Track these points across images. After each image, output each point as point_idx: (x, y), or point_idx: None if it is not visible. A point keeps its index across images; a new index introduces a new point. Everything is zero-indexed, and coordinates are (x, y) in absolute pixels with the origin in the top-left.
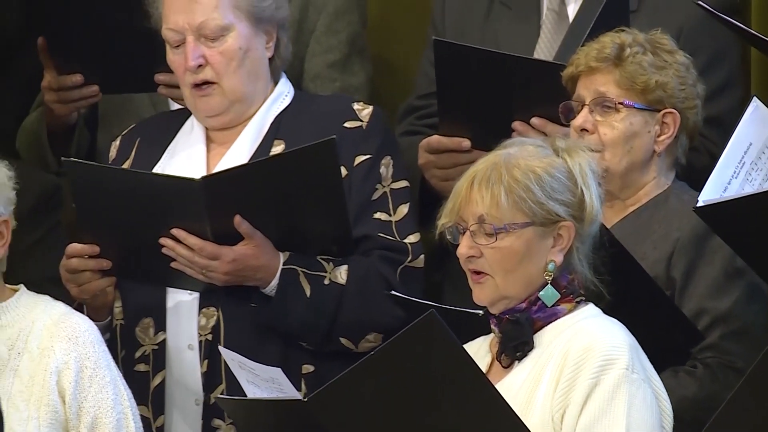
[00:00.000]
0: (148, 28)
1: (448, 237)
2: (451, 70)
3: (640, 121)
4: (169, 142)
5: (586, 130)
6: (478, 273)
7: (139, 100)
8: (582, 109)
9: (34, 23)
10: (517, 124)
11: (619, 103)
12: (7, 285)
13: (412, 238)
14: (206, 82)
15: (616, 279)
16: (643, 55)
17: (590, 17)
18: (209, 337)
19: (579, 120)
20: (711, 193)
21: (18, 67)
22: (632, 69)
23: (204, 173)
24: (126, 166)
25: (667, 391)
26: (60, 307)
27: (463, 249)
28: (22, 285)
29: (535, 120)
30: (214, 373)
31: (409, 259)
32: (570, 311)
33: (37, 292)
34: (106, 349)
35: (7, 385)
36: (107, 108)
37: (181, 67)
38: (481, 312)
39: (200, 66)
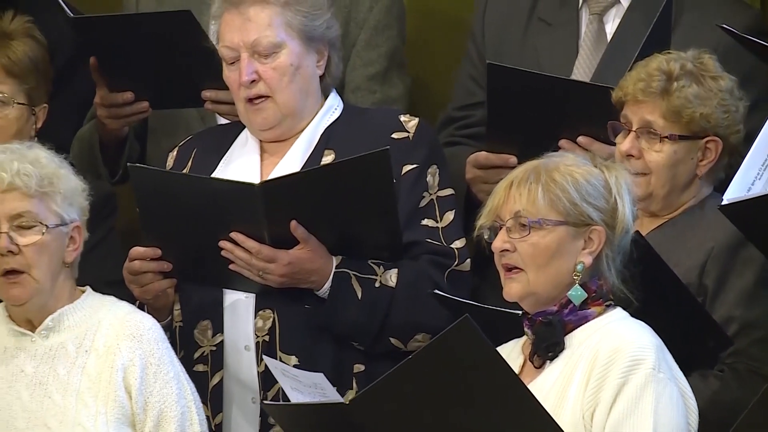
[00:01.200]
0: (194, 46)
1: (485, 237)
2: (502, 90)
3: (684, 149)
4: (225, 153)
5: (632, 155)
6: (510, 269)
7: (188, 114)
8: (629, 133)
9: (86, 43)
10: (563, 143)
11: (665, 137)
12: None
13: (458, 243)
14: (259, 97)
15: (648, 284)
16: (688, 88)
17: (633, 37)
18: (266, 338)
19: (626, 145)
20: (735, 192)
21: (73, 85)
22: (678, 103)
23: (258, 181)
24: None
25: (695, 392)
26: (125, 307)
27: (498, 243)
28: (88, 287)
29: (581, 139)
30: (271, 373)
31: (456, 263)
32: (599, 314)
33: None
34: (169, 345)
35: (76, 382)
36: (157, 122)
37: (236, 82)
38: (519, 312)
39: (253, 81)
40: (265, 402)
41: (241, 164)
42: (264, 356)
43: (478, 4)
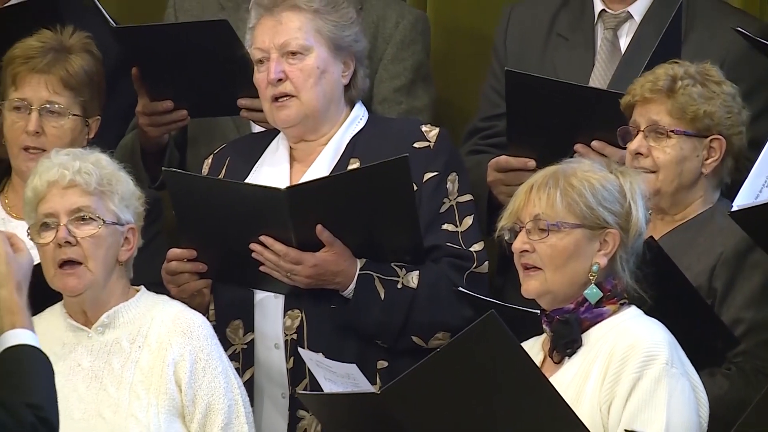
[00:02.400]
0: (231, 55)
1: (506, 238)
2: (520, 97)
3: (689, 146)
4: (257, 160)
5: (641, 154)
6: (528, 268)
7: (224, 122)
8: (637, 134)
9: (129, 53)
10: (579, 146)
11: (671, 131)
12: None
13: (477, 247)
14: (285, 95)
15: (660, 286)
16: (693, 87)
17: (645, 49)
18: (294, 336)
19: (635, 144)
20: (744, 199)
21: (116, 94)
22: (683, 100)
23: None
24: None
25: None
26: (176, 305)
27: (518, 244)
28: (142, 286)
29: (595, 143)
30: (299, 370)
31: (475, 265)
32: (614, 312)
33: None
34: (218, 342)
35: (129, 376)
36: (195, 130)
37: (264, 81)
38: (538, 311)
39: (280, 80)
40: (300, 392)
41: (272, 171)
42: (299, 348)
43: (501, 21)
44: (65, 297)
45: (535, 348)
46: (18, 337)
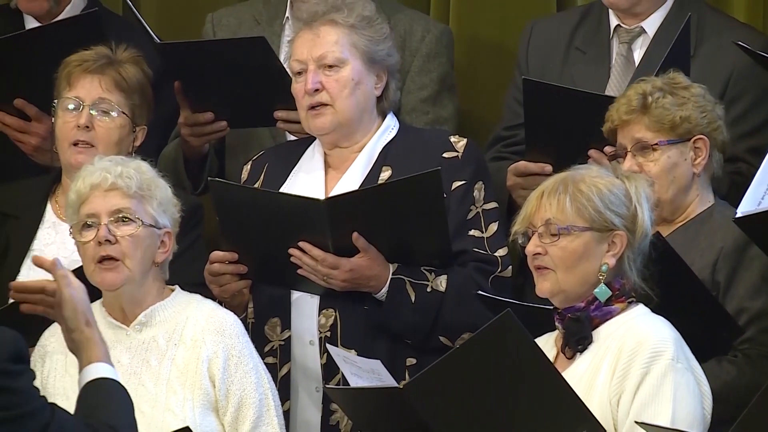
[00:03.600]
0: (267, 70)
1: (520, 241)
2: (537, 104)
3: (676, 153)
4: (293, 167)
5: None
6: (540, 268)
7: (261, 132)
8: (626, 155)
9: (171, 68)
10: (592, 152)
11: (655, 144)
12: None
13: (501, 252)
14: (321, 104)
15: (667, 281)
16: (664, 98)
17: (657, 62)
18: (328, 334)
19: (626, 165)
20: (747, 206)
21: (158, 106)
22: (658, 113)
23: (322, 194)
24: (257, 186)
25: (712, 376)
26: (210, 304)
27: (531, 247)
28: (177, 286)
29: (608, 148)
30: (332, 365)
31: (499, 269)
32: (623, 310)
33: None
34: (249, 339)
35: (166, 372)
36: (234, 139)
37: (301, 91)
38: (552, 307)
39: (317, 90)
40: (328, 386)
41: (308, 179)
42: (327, 344)
43: (523, 36)
44: (104, 294)
45: (548, 344)
46: (98, 370)
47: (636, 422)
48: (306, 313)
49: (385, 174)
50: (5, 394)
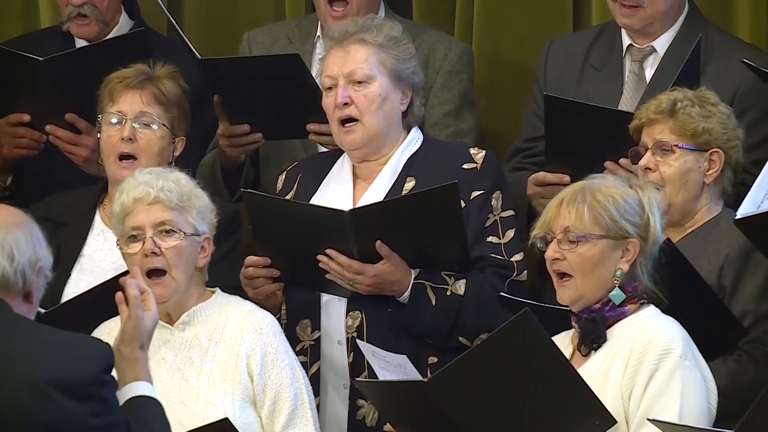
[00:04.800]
0: (300, 85)
1: (539, 245)
2: (556, 119)
3: (691, 159)
4: (324, 177)
5: (650, 169)
6: (562, 277)
7: (294, 143)
8: (646, 152)
9: (211, 84)
10: (608, 164)
11: (674, 146)
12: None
13: (518, 257)
14: (350, 119)
15: (678, 285)
16: (691, 108)
17: (667, 79)
18: (354, 334)
19: (644, 161)
20: (747, 208)
21: (197, 118)
22: (683, 119)
23: (351, 203)
24: (290, 195)
25: (718, 373)
26: (248, 305)
27: (550, 252)
28: (218, 288)
29: (622, 160)
30: (358, 363)
31: (515, 274)
32: (635, 311)
33: None
34: (285, 338)
35: (208, 368)
36: (268, 150)
37: (332, 105)
38: (569, 307)
39: (346, 104)
40: (357, 379)
41: (338, 188)
42: (358, 340)
43: (541, 54)
44: None
45: (564, 342)
46: (140, 388)
47: (649, 419)
48: (334, 314)
49: (409, 184)
50: (99, 404)
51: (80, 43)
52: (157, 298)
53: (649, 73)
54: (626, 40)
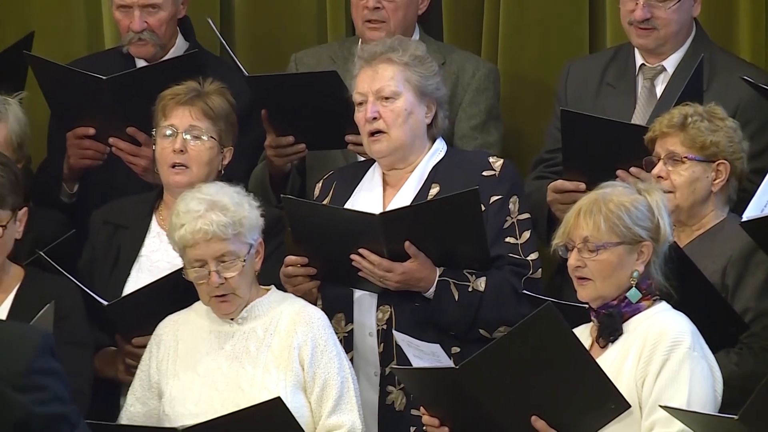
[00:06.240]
0: (339, 99)
1: (560, 253)
2: (573, 132)
3: (700, 170)
4: (357, 184)
5: (662, 177)
6: (581, 278)
7: (335, 153)
8: (658, 162)
9: (259, 99)
10: (619, 172)
11: (685, 157)
12: (261, 287)
13: (533, 256)
14: (378, 131)
15: (684, 284)
16: (701, 122)
17: (676, 96)
18: (384, 327)
19: (656, 170)
20: (752, 212)
21: (247, 131)
22: (693, 132)
23: (381, 208)
24: (326, 201)
25: (721, 365)
26: (300, 302)
27: (572, 261)
28: (273, 286)
29: (633, 169)
30: (388, 353)
31: (531, 272)
32: (648, 307)
33: None
34: (333, 331)
35: (263, 357)
36: (312, 159)
37: (362, 119)
38: (587, 305)
39: (375, 118)
40: (394, 366)
41: (368, 195)
42: (394, 331)
43: (561, 73)
44: None
45: (584, 334)
46: None
47: (661, 406)
48: (366, 309)
49: (434, 190)
50: (42, 392)
51: (140, 62)
52: (225, 313)
53: (659, 90)
54: (639, 60)
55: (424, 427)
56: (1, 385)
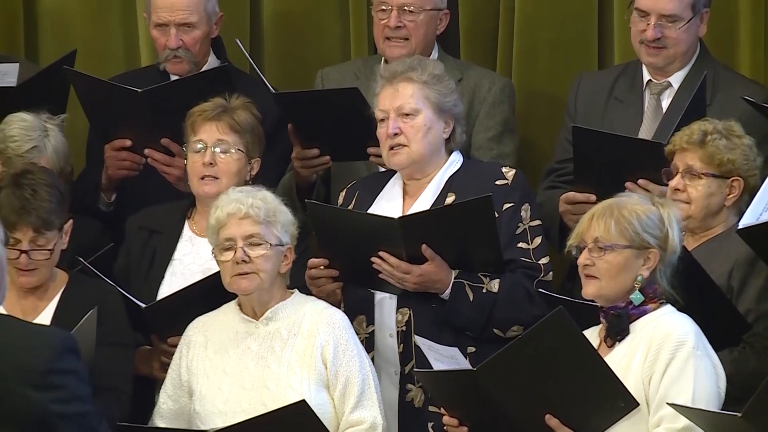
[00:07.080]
0: (361, 114)
1: (573, 253)
2: (584, 146)
3: (715, 185)
4: (378, 193)
5: (679, 190)
6: (589, 276)
7: (358, 165)
8: (677, 174)
9: (286, 114)
10: (628, 184)
11: (702, 174)
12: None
13: (544, 260)
14: (399, 145)
15: (692, 286)
16: (719, 140)
17: (681, 111)
18: (404, 328)
19: (674, 182)
20: (748, 219)
21: (275, 144)
22: (711, 150)
23: (400, 214)
24: (349, 208)
25: (724, 363)
26: (322, 303)
27: (582, 259)
28: (296, 289)
29: (641, 181)
30: (407, 353)
31: (542, 275)
32: (655, 309)
33: None
34: (354, 332)
35: (288, 356)
36: (336, 170)
37: (384, 135)
38: (598, 304)
39: (396, 134)
40: (416, 370)
41: (389, 203)
42: (415, 336)
43: (572, 88)
44: (239, 296)
45: (593, 335)
46: None
47: (668, 403)
48: (386, 311)
49: (450, 198)
50: (61, 391)
51: (174, 78)
52: (243, 290)
53: (665, 105)
54: (646, 76)
55: (445, 427)
56: (20, 383)
